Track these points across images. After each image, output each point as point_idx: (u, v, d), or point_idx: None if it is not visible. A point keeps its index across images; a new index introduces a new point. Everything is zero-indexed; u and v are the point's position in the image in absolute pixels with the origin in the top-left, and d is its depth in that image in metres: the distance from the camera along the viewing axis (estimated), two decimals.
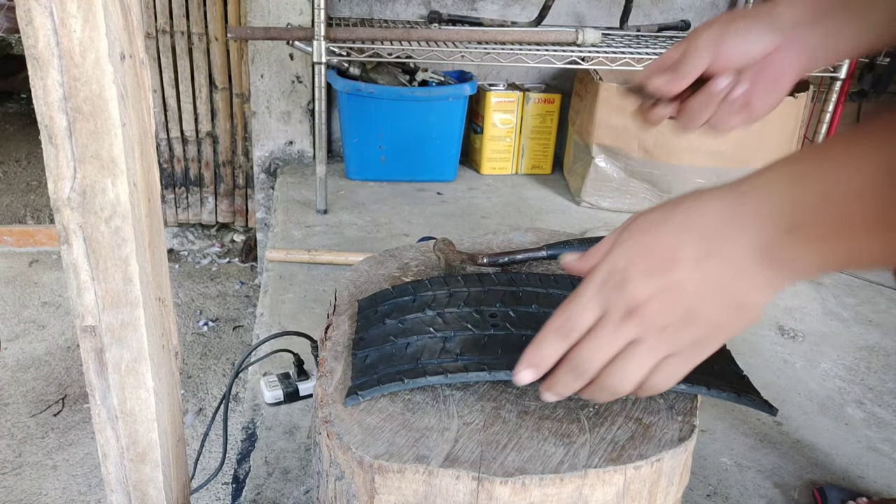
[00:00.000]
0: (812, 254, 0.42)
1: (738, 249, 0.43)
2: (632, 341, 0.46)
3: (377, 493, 0.50)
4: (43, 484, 1.50)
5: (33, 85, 0.48)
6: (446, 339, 0.61)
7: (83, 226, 0.52)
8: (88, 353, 0.57)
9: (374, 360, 0.59)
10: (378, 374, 0.57)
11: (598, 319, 0.47)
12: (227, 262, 2.56)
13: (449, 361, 0.58)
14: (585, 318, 0.47)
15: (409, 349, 0.60)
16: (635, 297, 0.45)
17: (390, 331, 0.62)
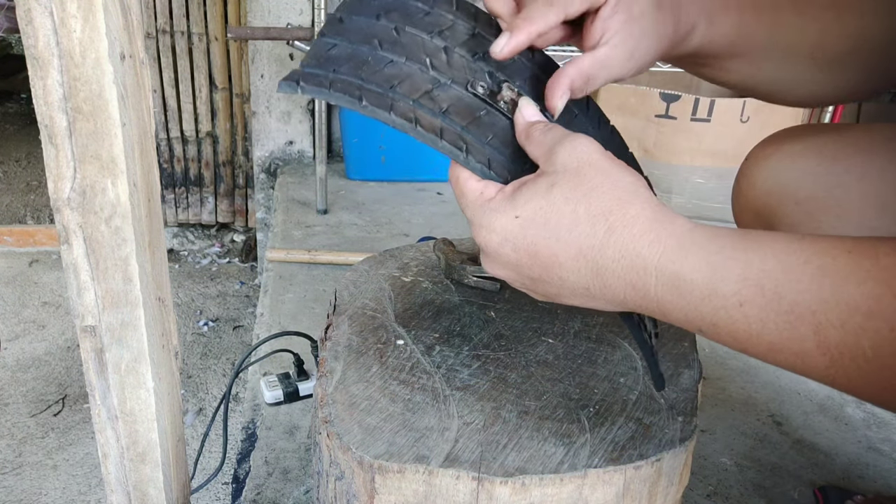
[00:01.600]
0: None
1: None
2: None
3: (377, 493, 0.50)
4: (43, 484, 1.50)
5: (33, 85, 0.48)
6: (438, 85, 0.50)
7: (83, 226, 0.52)
8: (88, 353, 0.57)
9: (340, 55, 0.49)
10: (336, 75, 0.47)
11: None
12: (227, 262, 2.56)
13: (426, 112, 0.48)
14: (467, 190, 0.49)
15: (388, 68, 0.49)
16: (500, 259, 0.47)
17: (379, 32, 0.51)
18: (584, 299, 0.47)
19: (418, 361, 0.61)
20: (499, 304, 0.70)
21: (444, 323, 0.67)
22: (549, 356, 0.62)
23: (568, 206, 0.44)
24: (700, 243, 0.42)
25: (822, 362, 0.39)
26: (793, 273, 0.39)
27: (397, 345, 0.63)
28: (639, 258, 0.43)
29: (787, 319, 0.39)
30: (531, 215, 0.45)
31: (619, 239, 0.43)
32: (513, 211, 0.46)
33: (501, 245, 0.46)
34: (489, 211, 0.47)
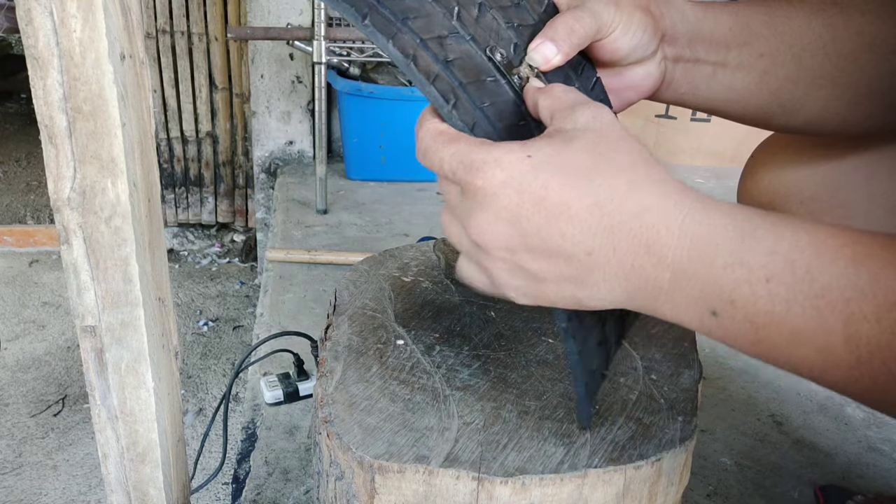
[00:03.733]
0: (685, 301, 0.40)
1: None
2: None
3: (377, 493, 0.50)
4: (43, 484, 1.50)
5: (33, 85, 0.48)
6: (455, 35, 0.48)
7: (83, 226, 0.52)
8: (88, 353, 0.57)
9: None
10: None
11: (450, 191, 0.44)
12: (227, 262, 2.56)
13: (429, 55, 0.46)
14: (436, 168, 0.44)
15: (410, 0, 0.47)
16: (484, 238, 0.42)
17: None
18: (576, 270, 0.41)
19: (418, 361, 0.61)
20: (499, 304, 0.70)
21: (444, 323, 0.67)
22: (549, 356, 0.62)
23: (589, 157, 0.40)
24: (727, 211, 0.39)
25: (848, 360, 0.35)
26: (828, 255, 0.35)
27: (397, 345, 0.63)
28: (662, 215, 0.38)
29: (816, 305, 0.35)
30: (546, 158, 0.40)
31: (642, 194, 0.39)
32: (523, 151, 0.40)
33: (504, 185, 0.40)
34: (494, 147, 0.41)
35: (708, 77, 0.57)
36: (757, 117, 0.60)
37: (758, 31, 0.56)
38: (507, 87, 0.49)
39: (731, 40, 0.56)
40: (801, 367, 0.37)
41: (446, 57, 0.47)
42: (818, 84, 0.57)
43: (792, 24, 0.57)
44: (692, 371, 0.61)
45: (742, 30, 0.56)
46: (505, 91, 0.49)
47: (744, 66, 0.57)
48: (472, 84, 0.47)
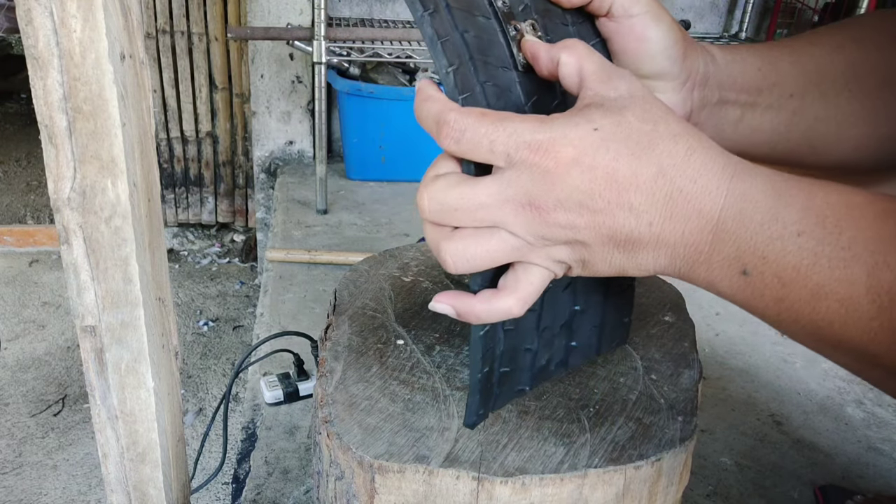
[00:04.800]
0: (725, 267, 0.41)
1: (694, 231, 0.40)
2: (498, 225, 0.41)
3: (377, 493, 0.50)
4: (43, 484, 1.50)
5: (33, 85, 0.48)
6: None
7: (83, 226, 0.52)
8: (88, 353, 0.57)
9: None
10: None
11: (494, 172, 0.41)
12: (227, 262, 2.56)
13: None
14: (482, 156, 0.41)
15: None
16: (552, 215, 0.40)
17: None
18: (633, 243, 0.41)
19: (418, 361, 0.61)
20: None
21: (444, 323, 0.67)
22: None
23: (647, 125, 0.40)
24: (766, 172, 0.40)
25: (869, 311, 0.36)
26: (857, 210, 0.37)
27: (397, 345, 0.63)
28: (714, 178, 0.40)
29: (843, 256, 0.37)
30: (612, 129, 0.39)
31: (699, 157, 0.40)
32: (590, 123, 0.39)
33: (576, 162, 0.39)
34: (557, 123, 0.40)
35: (735, 120, 0.55)
36: (787, 159, 0.59)
37: (786, 71, 0.55)
38: (500, 35, 0.46)
39: (760, 81, 0.55)
40: (822, 322, 0.38)
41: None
42: (848, 123, 0.57)
43: (817, 63, 0.56)
44: (692, 371, 0.61)
45: (770, 70, 0.55)
46: (497, 36, 0.46)
47: (773, 107, 0.55)
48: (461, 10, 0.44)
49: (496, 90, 0.44)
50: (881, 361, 0.38)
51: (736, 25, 2.35)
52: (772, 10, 2.38)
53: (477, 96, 0.43)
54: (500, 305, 0.44)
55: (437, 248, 0.43)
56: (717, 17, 2.38)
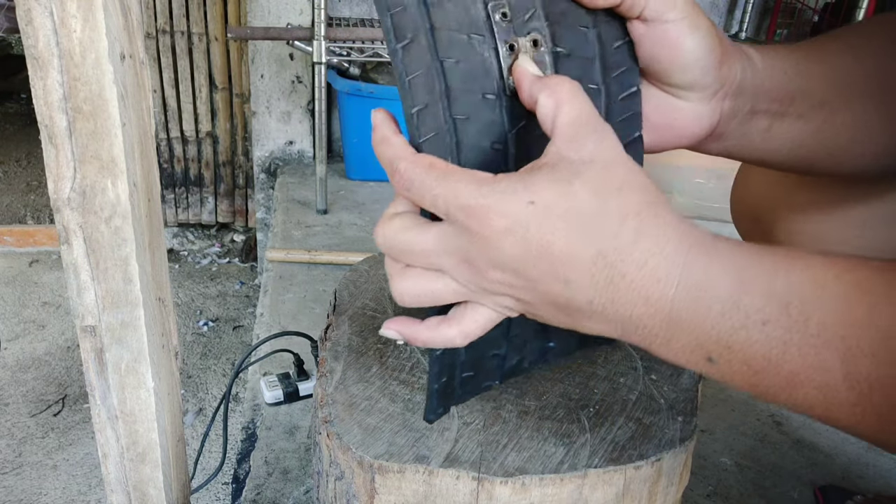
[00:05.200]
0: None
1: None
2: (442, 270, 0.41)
3: (377, 493, 0.50)
4: (43, 484, 1.50)
5: (33, 85, 0.48)
6: None
7: (83, 226, 0.52)
8: (88, 353, 0.57)
9: None
10: None
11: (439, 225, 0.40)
12: (227, 262, 2.56)
13: None
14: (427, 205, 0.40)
15: None
16: (489, 275, 0.39)
17: None
18: (574, 311, 0.40)
19: (418, 361, 0.61)
20: None
21: None
22: None
23: (596, 200, 0.37)
24: (725, 252, 0.38)
25: (849, 398, 0.34)
26: (824, 289, 0.35)
27: (397, 345, 0.63)
28: (664, 263, 0.37)
29: (813, 343, 0.34)
30: (551, 202, 0.37)
31: (649, 241, 0.37)
32: (526, 195, 0.37)
33: (508, 232, 0.37)
34: (494, 190, 0.37)
35: (763, 130, 0.51)
36: (801, 166, 0.55)
37: (817, 78, 0.52)
38: (493, 55, 0.42)
39: (793, 89, 0.51)
40: (803, 407, 0.36)
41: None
42: (871, 132, 0.54)
43: (845, 70, 0.53)
44: (692, 371, 0.61)
45: (802, 77, 0.51)
46: (482, 56, 0.41)
47: (803, 116, 0.51)
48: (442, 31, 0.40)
49: (470, 124, 0.41)
50: (874, 440, 0.36)
51: (736, 25, 2.35)
52: (772, 10, 2.38)
53: (442, 136, 0.40)
54: (443, 335, 0.43)
55: (390, 281, 0.43)
56: (717, 17, 2.38)
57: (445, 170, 0.39)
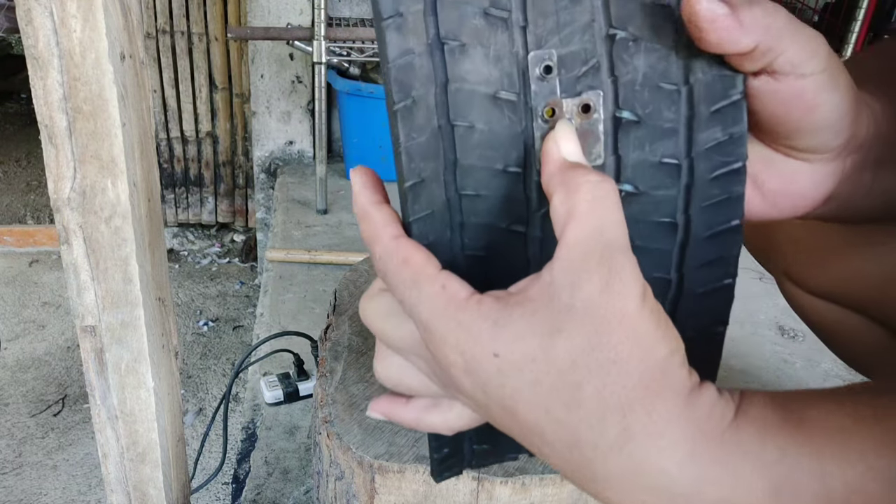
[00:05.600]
0: None
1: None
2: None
3: (377, 493, 0.50)
4: (43, 484, 1.50)
5: (33, 85, 0.48)
6: (497, 8, 0.30)
7: (83, 226, 0.52)
8: (88, 353, 0.57)
9: None
10: None
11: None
12: (227, 262, 2.56)
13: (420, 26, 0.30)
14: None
15: None
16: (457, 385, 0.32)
17: None
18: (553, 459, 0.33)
19: None
20: None
21: None
22: None
23: (575, 374, 0.29)
24: (732, 455, 0.30)
25: None
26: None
27: None
28: (655, 480, 0.30)
29: None
30: (518, 363, 0.29)
31: (635, 451, 0.30)
32: (492, 343, 0.30)
33: (463, 374, 0.31)
34: (456, 324, 0.30)
35: (867, 185, 0.41)
36: (883, 218, 0.45)
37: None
38: (519, 116, 0.32)
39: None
40: None
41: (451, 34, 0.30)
42: None
43: None
44: None
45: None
46: (508, 119, 0.32)
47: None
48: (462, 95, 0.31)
49: (482, 202, 0.33)
50: None
51: None
52: None
53: (441, 215, 0.32)
54: (428, 422, 0.38)
55: (375, 357, 0.39)
56: None
57: (416, 274, 0.32)
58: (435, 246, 0.33)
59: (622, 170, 0.33)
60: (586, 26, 0.31)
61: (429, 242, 0.32)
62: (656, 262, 0.34)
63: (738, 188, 0.34)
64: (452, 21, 0.29)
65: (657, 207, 0.34)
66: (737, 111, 0.33)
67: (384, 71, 0.30)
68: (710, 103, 0.33)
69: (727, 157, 0.34)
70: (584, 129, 0.32)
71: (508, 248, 0.34)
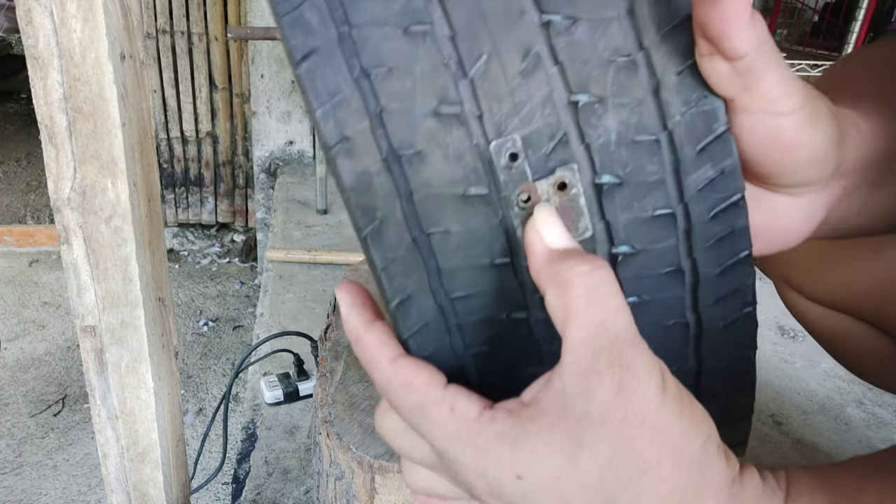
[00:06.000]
0: None
1: None
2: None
3: (377, 493, 0.50)
4: (43, 484, 1.50)
5: (33, 85, 0.48)
6: (448, 104, 0.28)
7: (83, 226, 0.52)
8: (88, 353, 0.57)
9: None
10: None
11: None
12: (227, 262, 2.56)
13: (373, 143, 0.28)
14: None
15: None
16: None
17: None
18: None
19: None
20: None
21: None
22: None
23: (605, 488, 0.27)
24: None
25: None
26: None
27: None
28: None
29: None
30: (543, 484, 0.28)
31: None
32: (513, 466, 0.28)
33: (490, 497, 0.29)
34: (473, 449, 0.28)
35: (861, 205, 0.40)
36: (884, 231, 0.44)
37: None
38: (493, 210, 0.30)
39: (887, 152, 0.40)
40: None
41: (405, 145, 0.28)
42: None
43: None
44: None
45: (891, 131, 0.40)
46: (484, 215, 0.30)
47: (893, 182, 0.40)
48: (432, 199, 0.29)
49: (476, 299, 0.31)
50: None
51: None
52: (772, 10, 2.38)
53: (436, 323, 0.31)
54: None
55: (402, 465, 0.37)
56: None
57: (422, 398, 0.29)
58: (436, 355, 0.31)
59: (614, 234, 0.31)
60: (545, 99, 0.29)
61: (429, 354, 0.31)
62: (670, 310, 0.33)
63: (740, 221, 0.32)
64: (403, 130, 0.28)
65: (660, 260, 0.32)
66: (724, 144, 0.31)
67: (344, 199, 0.29)
68: (695, 143, 0.31)
69: (723, 193, 0.32)
70: (565, 207, 0.30)
71: (514, 337, 0.32)
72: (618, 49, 0.29)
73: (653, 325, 0.33)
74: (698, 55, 0.29)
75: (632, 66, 0.29)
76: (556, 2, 0.28)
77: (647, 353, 0.28)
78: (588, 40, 0.29)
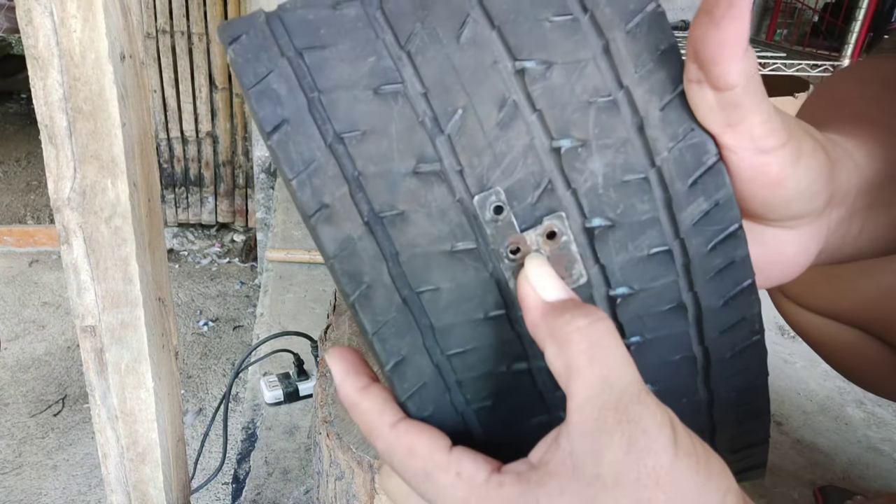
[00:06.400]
0: None
1: None
2: None
3: (377, 493, 0.50)
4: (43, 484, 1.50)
5: (33, 85, 0.48)
6: (426, 163, 0.28)
7: (83, 226, 0.52)
8: (88, 353, 0.57)
9: (327, 24, 0.27)
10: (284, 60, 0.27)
11: None
12: (227, 262, 2.56)
13: (354, 209, 0.28)
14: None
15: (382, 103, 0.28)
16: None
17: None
18: None
19: None
20: None
21: None
22: None
23: None
24: None
25: None
26: None
27: None
28: None
29: None
30: None
31: None
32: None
33: None
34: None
35: (857, 232, 0.39)
36: (863, 255, 0.43)
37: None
38: (483, 264, 0.29)
39: (882, 176, 0.39)
40: None
41: (385, 208, 0.28)
42: None
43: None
44: None
45: (886, 153, 0.39)
46: (474, 270, 0.29)
47: (893, 203, 0.39)
48: (419, 258, 0.28)
49: (473, 355, 0.30)
50: None
51: None
52: (772, 10, 2.38)
53: (434, 381, 0.30)
54: None
55: None
56: None
57: (426, 464, 0.29)
58: (437, 414, 0.30)
59: (610, 276, 0.30)
60: (526, 149, 0.28)
61: (430, 414, 0.30)
62: (675, 345, 0.32)
63: (740, 251, 0.32)
64: (383, 192, 0.27)
65: (660, 297, 0.31)
66: (717, 175, 0.30)
67: (328, 267, 0.28)
68: (686, 177, 0.30)
69: (720, 225, 0.31)
70: (557, 255, 0.29)
71: (516, 389, 0.31)
72: (597, 90, 0.28)
73: (659, 363, 0.32)
74: (686, 81, 0.29)
75: (613, 106, 0.29)
76: (529, 48, 0.28)
77: (655, 405, 0.27)
78: (565, 84, 0.28)
